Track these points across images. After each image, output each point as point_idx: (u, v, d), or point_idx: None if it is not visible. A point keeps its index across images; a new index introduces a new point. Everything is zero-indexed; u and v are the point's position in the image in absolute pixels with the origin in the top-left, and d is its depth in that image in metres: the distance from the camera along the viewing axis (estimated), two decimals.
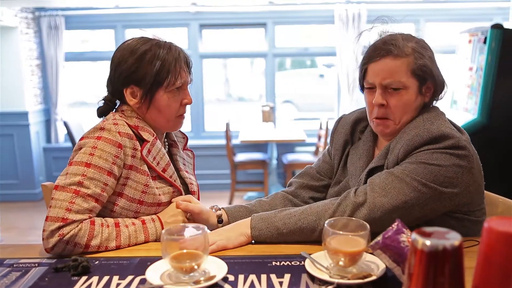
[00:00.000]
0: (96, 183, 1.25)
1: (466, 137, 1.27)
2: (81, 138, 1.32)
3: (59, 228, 1.20)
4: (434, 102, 1.36)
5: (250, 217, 1.29)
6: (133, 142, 1.33)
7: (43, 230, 1.22)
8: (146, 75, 1.33)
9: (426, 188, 1.18)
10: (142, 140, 1.36)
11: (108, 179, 1.27)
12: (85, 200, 1.23)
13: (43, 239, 1.21)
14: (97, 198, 1.25)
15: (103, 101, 1.43)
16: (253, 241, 1.28)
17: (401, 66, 1.26)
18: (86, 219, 1.23)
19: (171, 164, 1.42)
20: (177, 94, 1.38)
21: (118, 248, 1.26)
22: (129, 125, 1.35)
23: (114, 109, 1.43)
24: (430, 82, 1.29)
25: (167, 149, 1.50)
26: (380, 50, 1.30)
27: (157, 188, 1.36)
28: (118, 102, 1.43)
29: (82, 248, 1.22)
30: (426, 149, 1.21)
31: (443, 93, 1.34)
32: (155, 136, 1.38)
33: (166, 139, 1.51)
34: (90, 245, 1.22)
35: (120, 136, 1.30)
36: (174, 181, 1.40)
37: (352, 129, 1.49)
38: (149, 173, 1.34)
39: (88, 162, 1.26)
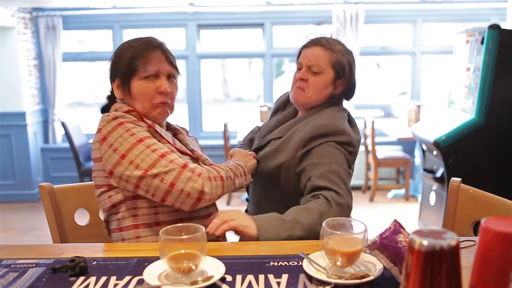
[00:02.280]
0: (159, 145, 1.32)
1: (358, 138, 1.56)
2: (104, 138, 1.32)
3: (193, 172, 1.29)
4: (344, 101, 1.66)
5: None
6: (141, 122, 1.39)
7: (191, 195, 1.28)
8: (121, 64, 1.42)
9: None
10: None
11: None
12: (171, 154, 1.31)
13: (200, 196, 1.29)
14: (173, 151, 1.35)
15: (106, 99, 1.52)
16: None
17: (325, 56, 1.56)
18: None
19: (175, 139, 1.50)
20: (151, 82, 1.40)
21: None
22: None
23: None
24: (343, 80, 1.59)
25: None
26: (315, 40, 1.61)
27: None
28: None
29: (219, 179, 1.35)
30: (328, 140, 1.46)
31: (351, 97, 1.67)
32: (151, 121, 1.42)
33: (167, 130, 1.54)
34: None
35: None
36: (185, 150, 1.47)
37: (286, 101, 1.77)
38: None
39: (137, 139, 1.30)
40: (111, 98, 1.50)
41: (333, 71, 1.57)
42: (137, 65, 1.39)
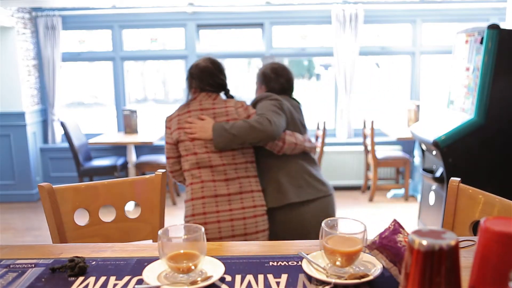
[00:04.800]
0: None
1: (277, 97, 2.35)
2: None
3: None
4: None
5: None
6: None
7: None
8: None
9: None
10: None
11: None
12: None
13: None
14: None
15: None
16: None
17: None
18: None
19: None
20: None
21: None
22: None
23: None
24: (264, 86, 2.52)
25: None
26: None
27: None
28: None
29: None
30: (259, 100, 2.35)
31: (285, 91, 2.51)
32: None
33: None
34: None
35: None
36: None
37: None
38: None
39: None
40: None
41: (257, 83, 2.59)
42: None
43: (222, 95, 2.33)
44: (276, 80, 2.46)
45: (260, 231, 2.17)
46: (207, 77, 2.27)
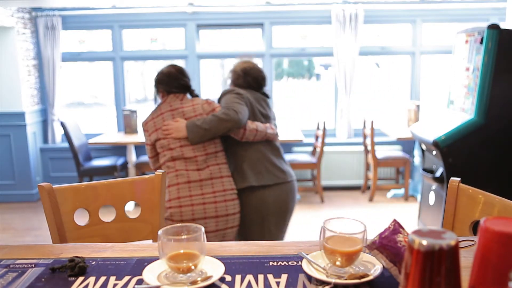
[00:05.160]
0: None
1: (239, 90, 2.63)
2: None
3: None
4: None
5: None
6: None
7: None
8: None
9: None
10: None
11: None
12: None
13: None
14: None
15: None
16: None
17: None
18: None
19: None
20: None
21: None
22: None
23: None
24: (232, 83, 2.80)
25: None
26: None
27: None
28: None
29: None
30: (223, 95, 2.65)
31: (254, 86, 2.76)
32: None
33: None
34: None
35: None
36: None
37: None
38: None
39: None
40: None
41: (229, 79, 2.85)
42: None
43: (188, 95, 2.63)
44: (244, 79, 2.73)
45: (230, 214, 2.44)
46: (172, 81, 2.56)
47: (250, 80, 2.73)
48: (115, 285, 1.04)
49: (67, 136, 4.72)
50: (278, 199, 2.59)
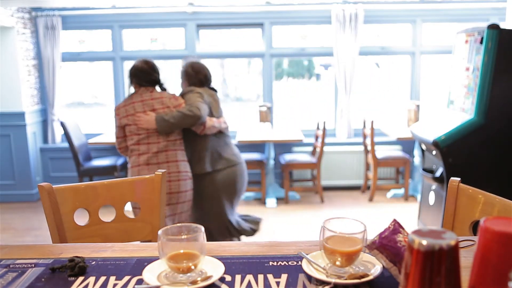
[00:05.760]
0: None
1: (198, 89, 3.04)
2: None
3: None
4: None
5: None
6: None
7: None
8: None
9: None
10: None
11: None
12: None
13: None
14: None
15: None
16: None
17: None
18: None
19: None
20: None
21: None
22: None
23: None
24: (186, 82, 3.18)
25: None
26: None
27: None
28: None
29: None
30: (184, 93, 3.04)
31: (204, 83, 3.16)
32: None
33: None
34: None
35: None
36: None
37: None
38: None
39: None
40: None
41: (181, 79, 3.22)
42: None
43: (158, 88, 2.97)
44: (196, 76, 3.14)
45: (182, 191, 2.89)
46: (143, 75, 2.92)
47: (201, 77, 3.14)
48: (115, 285, 1.04)
49: (67, 136, 4.72)
50: (227, 180, 3.11)
